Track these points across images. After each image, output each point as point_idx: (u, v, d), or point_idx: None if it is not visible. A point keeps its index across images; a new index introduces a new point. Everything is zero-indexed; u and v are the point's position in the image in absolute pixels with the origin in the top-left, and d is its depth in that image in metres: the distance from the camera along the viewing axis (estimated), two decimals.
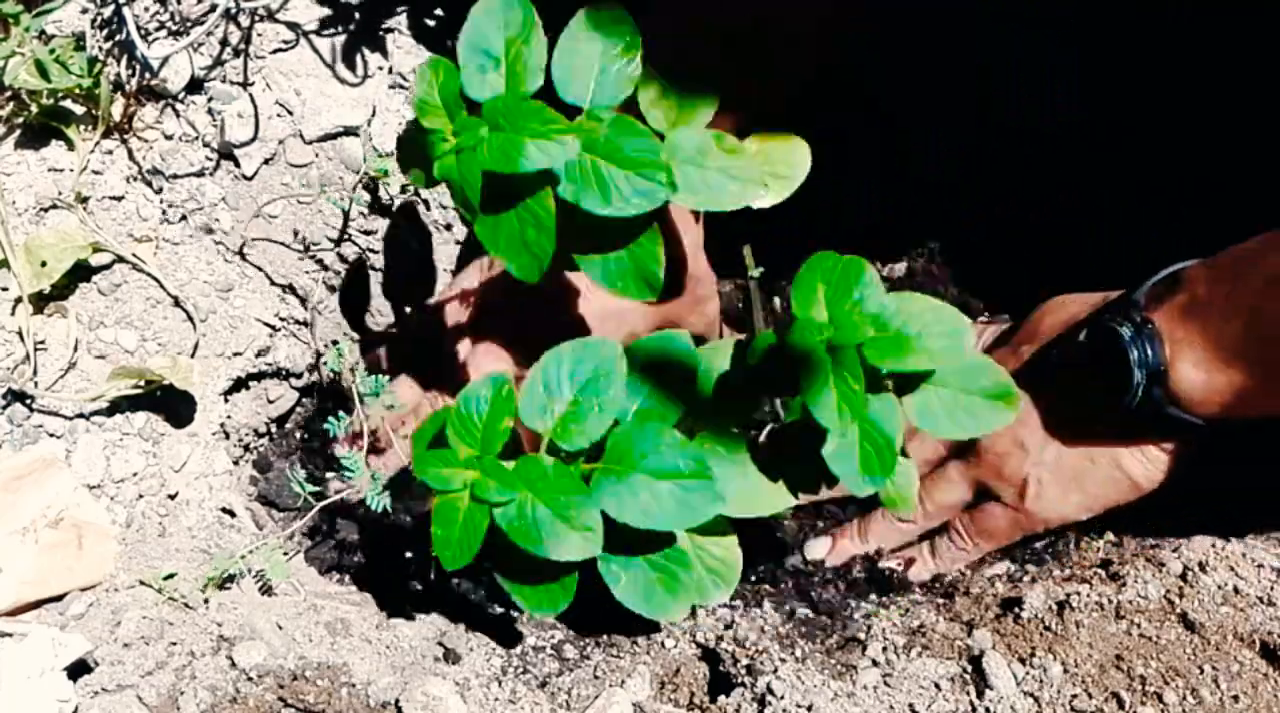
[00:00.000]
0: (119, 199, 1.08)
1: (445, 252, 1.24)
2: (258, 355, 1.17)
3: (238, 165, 1.12)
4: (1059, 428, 0.95)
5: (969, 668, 0.81)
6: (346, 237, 1.18)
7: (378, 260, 1.21)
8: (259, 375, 1.20)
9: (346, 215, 1.16)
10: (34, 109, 1.02)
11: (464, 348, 1.05)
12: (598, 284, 0.78)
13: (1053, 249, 1.19)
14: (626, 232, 0.76)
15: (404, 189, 1.14)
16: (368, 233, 1.19)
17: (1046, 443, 0.95)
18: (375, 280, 1.22)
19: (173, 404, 1.07)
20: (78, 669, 0.81)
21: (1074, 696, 0.77)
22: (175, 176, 1.10)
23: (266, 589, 0.97)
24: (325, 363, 1.17)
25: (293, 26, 1.10)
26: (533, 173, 0.73)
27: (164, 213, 1.10)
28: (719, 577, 0.79)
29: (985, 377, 0.79)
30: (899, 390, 0.77)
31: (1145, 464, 0.93)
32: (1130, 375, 0.85)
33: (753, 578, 1.07)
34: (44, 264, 1.00)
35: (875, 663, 0.84)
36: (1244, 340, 0.81)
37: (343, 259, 1.19)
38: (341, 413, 1.00)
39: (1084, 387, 0.92)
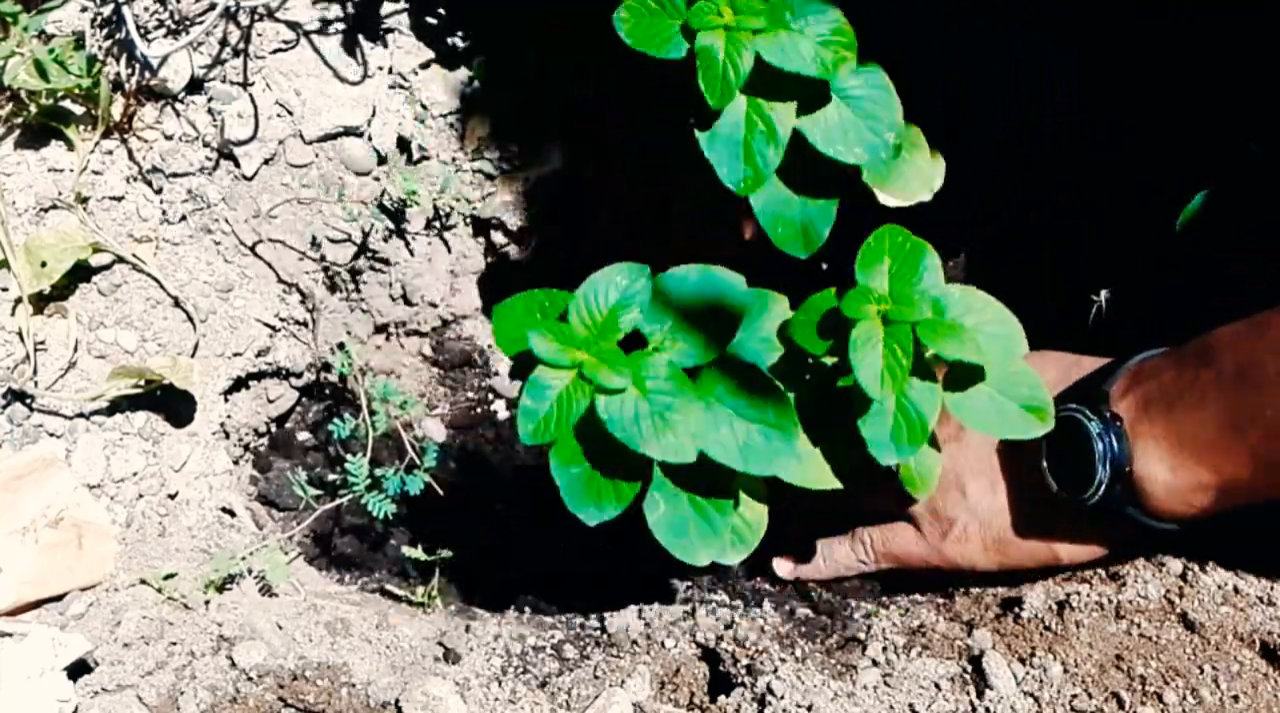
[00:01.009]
0: (119, 199, 1.08)
1: (440, 255, 1.24)
2: (258, 355, 1.17)
3: (238, 165, 1.12)
4: (1010, 494, 0.91)
5: (969, 668, 0.81)
6: (367, 248, 1.18)
7: (383, 263, 1.21)
8: (259, 375, 1.20)
9: (366, 234, 1.16)
10: (34, 109, 1.02)
11: None
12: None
13: (1053, 249, 1.19)
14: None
15: (409, 194, 1.14)
16: (368, 233, 1.19)
17: (989, 497, 0.92)
18: (379, 281, 1.23)
19: (173, 404, 1.07)
20: (78, 669, 0.81)
21: (1074, 696, 0.77)
22: (175, 176, 1.10)
23: (266, 589, 0.97)
24: (335, 365, 1.17)
25: (293, 26, 1.10)
26: None
27: (164, 213, 1.10)
28: (740, 539, 0.80)
29: (1025, 386, 0.80)
30: (945, 381, 0.78)
31: (1075, 550, 0.89)
32: (1094, 472, 0.81)
33: (755, 576, 1.07)
34: (44, 264, 1.00)
35: (875, 663, 0.84)
36: (1208, 433, 0.77)
37: (355, 253, 1.19)
38: (347, 415, 1.00)
39: (1041, 471, 0.87)
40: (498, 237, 1.23)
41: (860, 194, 0.86)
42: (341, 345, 1.23)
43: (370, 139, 1.14)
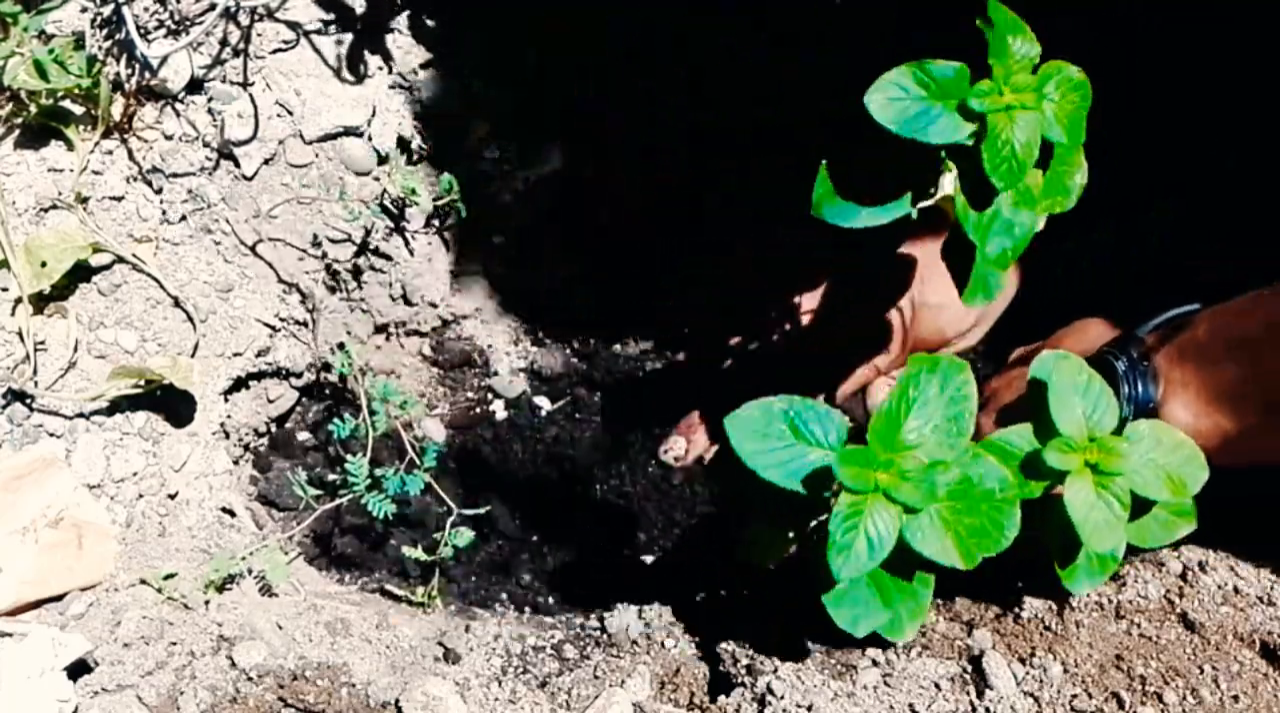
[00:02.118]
0: (119, 199, 1.08)
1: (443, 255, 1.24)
2: (258, 355, 1.17)
3: (238, 165, 1.12)
4: None
5: (969, 668, 0.81)
6: (367, 248, 1.18)
7: (383, 263, 1.21)
8: (259, 375, 1.20)
9: (366, 234, 1.17)
10: (34, 109, 1.02)
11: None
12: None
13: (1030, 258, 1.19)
14: None
15: (409, 193, 1.14)
16: (368, 233, 1.19)
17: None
18: (379, 281, 1.22)
19: (173, 404, 1.07)
20: (78, 669, 0.81)
21: (1074, 696, 0.77)
22: (175, 176, 1.10)
23: (266, 589, 0.97)
24: (335, 365, 1.17)
25: (293, 26, 1.10)
26: None
27: (164, 213, 1.10)
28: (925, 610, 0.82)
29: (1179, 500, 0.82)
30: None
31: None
32: (1118, 409, 0.84)
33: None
34: (44, 264, 1.00)
35: (875, 663, 0.84)
36: (1237, 385, 0.80)
37: (356, 253, 1.19)
38: (347, 415, 1.00)
39: None
40: (498, 237, 1.23)
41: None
42: (341, 345, 1.23)
43: (370, 139, 1.14)
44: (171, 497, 1.05)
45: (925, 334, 1.04)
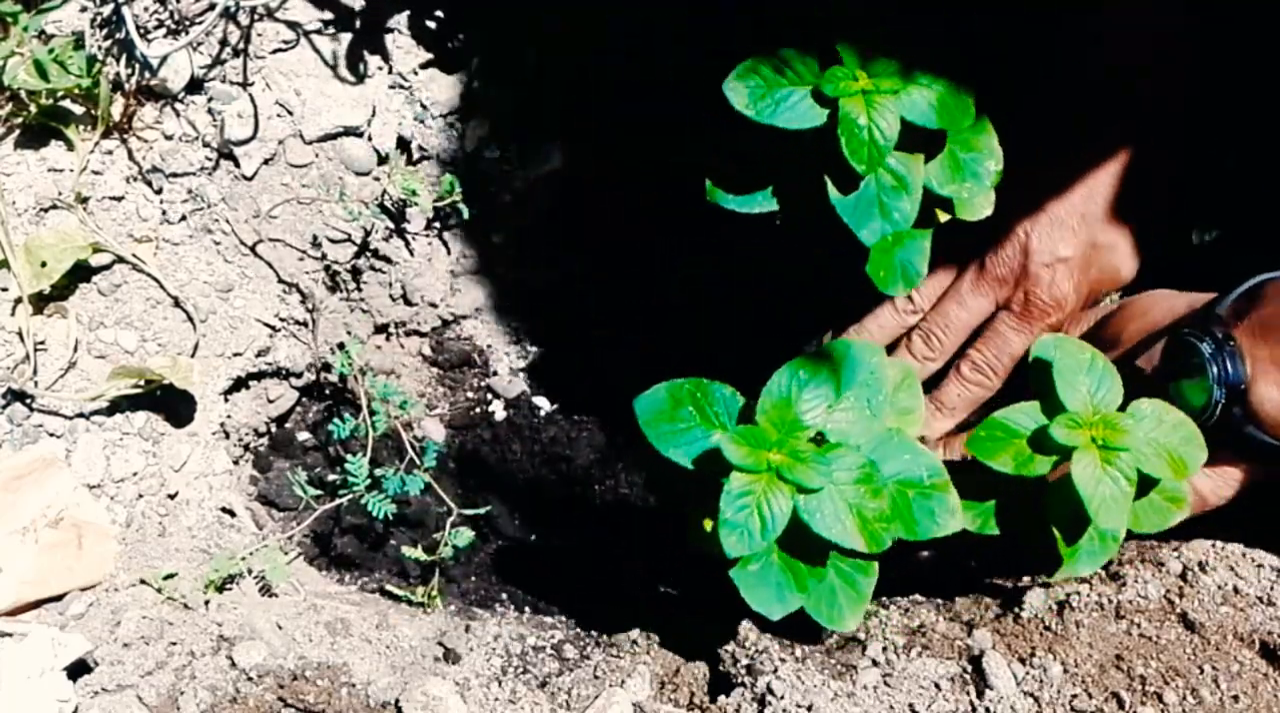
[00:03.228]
0: (119, 199, 1.08)
1: (437, 255, 1.24)
2: (258, 355, 1.17)
3: (238, 165, 1.12)
4: None
5: (969, 668, 0.81)
6: (367, 248, 1.18)
7: (383, 263, 1.21)
8: (259, 375, 1.20)
9: (366, 234, 1.16)
10: (34, 109, 1.02)
11: None
12: None
13: None
14: None
15: (409, 194, 1.14)
16: (368, 233, 1.19)
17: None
18: (379, 281, 1.22)
19: (173, 404, 1.07)
20: (78, 669, 0.81)
21: (1074, 696, 0.77)
22: (175, 176, 1.10)
23: (266, 590, 0.97)
24: (335, 365, 1.17)
25: (293, 26, 1.10)
26: None
27: (164, 213, 1.10)
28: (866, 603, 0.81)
29: (1171, 482, 0.82)
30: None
31: (1216, 481, 0.88)
32: (1209, 393, 0.82)
33: None
34: (44, 264, 1.00)
35: (875, 663, 0.84)
36: None
37: (356, 253, 1.19)
38: (347, 415, 1.00)
39: (1163, 399, 0.88)
40: (498, 237, 1.23)
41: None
42: (341, 345, 1.23)
43: (370, 139, 1.14)
44: (171, 497, 1.05)
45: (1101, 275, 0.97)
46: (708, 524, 0.77)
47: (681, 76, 1.03)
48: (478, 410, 1.33)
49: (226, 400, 1.16)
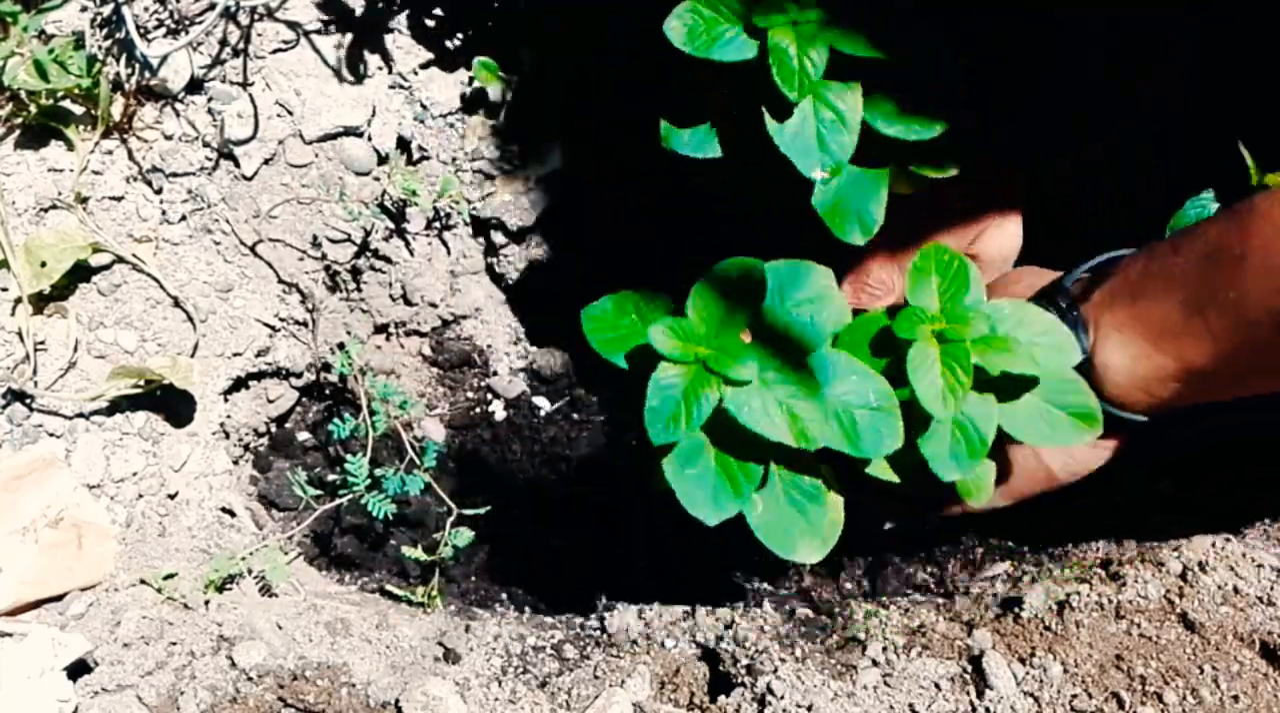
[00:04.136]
0: (119, 199, 1.08)
1: (438, 256, 1.24)
2: (258, 355, 1.17)
3: (238, 165, 1.12)
4: None
5: (969, 668, 0.81)
6: (367, 248, 1.18)
7: (383, 263, 1.21)
8: (259, 375, 1.20)
9: (366, 234, 1.16)
10: (34, 109, 1.02)
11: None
12: None
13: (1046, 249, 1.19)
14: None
15: (409, 194, 1.14)
16: (368, 233, 1.19)
17: None
18: (379, 281, 1.22)
19: (173, 404, 1.07)
20: (78, 669, 0.81)
21: (1074, 696, 0.77)
22: (175, 176, 1.10)
23: (266, 589, 0.97)
24: (335, 365, 1.17)
25: (293, 26, 1.10)
26: None
27: (164, 213, 1.10)
28: (828, 537, 0.80)
29: (1073, 395, 0.81)
30: (996, 391, 0.79)
31: (1066, 457, 0.89)
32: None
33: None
34: (44, 264, 1.00)
35: (875, 663, 0.84)
36: (1174, 318, 0.77)
37: (356, 253, 1.19)
38: (347, 415, 1.00)
39: None
40: (498, 237, 1.23)
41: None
42: (341, 345, 1.23)
43: (370, 139, 1.14)
44: (171, 497, 1.05)
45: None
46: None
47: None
48: (478, 410, 1.33)
49: (226, 400, 1.16)
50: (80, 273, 1.04)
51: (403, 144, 1.16)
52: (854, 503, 0.81)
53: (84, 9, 1.04)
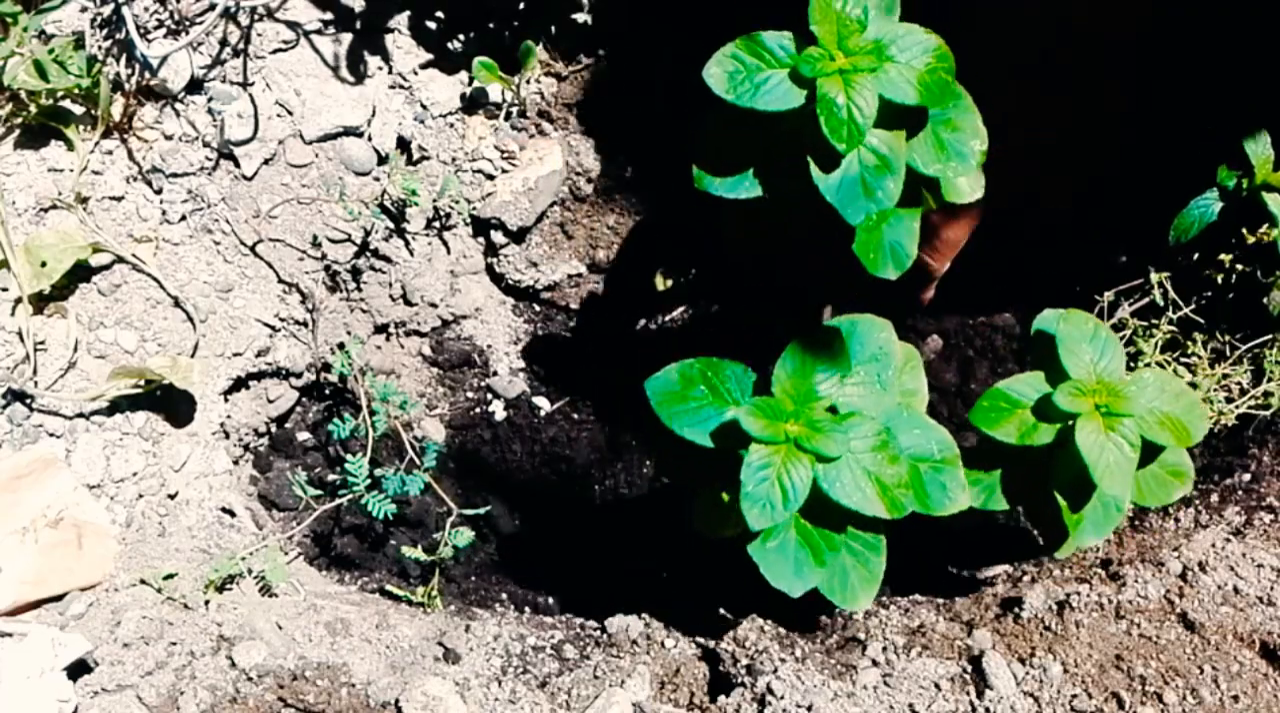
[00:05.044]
0: (119, 199, 1.08)
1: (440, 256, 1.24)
2: (258, 355, 1.17)
3: (238, 165, 1.12)
4: None
5: (969, 668, 0.81)
6: (367, 248, 1.18)
7: (383, 263, 1.21)
8: (259, 375, 1.20)
9: (366, 234, 1.16)
10: (34, 109, 1.02)
11: None
12: None
13: (1048, 254, 1.19)
14: None
15: (409, 194, 1.14)
16: (368, 233, 1.19)
17: None
18: (379, 281, 1.22)
19: (173, 404, 1.07)
20: (78, 669, 0.81)
21: (1074, 696, 0.77)
22: (175, 176, 1.10)
23: (266, 589, 0.97)
24: (335, 365, 1.17)
25: (293, 26, 1.10)
26: None
27: (164, 213, 1.11)
28: (879, 582, 0.82)
29: (1174, 456, 0.85)
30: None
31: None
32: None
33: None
34: (44, 264, 1.00)
35: (875, 663, 0.84)
36: None
37: (356, 253, 1.19)
38: (347, 415, 1.00)
39: None
40: (498, 237, 1.23)
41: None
42: (341, 345, 1.23)
43: (370, 139, 1.14)
44: (171, 497, 1.05)
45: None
46: (725, 497, 0.79)
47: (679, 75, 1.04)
48: (478, 410, 1.33)
49: (226, 400, 1.16)
50: (80, 273, 1.04)
51: (403, 144, 1.16)
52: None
53: (84, 9, 1.04)
